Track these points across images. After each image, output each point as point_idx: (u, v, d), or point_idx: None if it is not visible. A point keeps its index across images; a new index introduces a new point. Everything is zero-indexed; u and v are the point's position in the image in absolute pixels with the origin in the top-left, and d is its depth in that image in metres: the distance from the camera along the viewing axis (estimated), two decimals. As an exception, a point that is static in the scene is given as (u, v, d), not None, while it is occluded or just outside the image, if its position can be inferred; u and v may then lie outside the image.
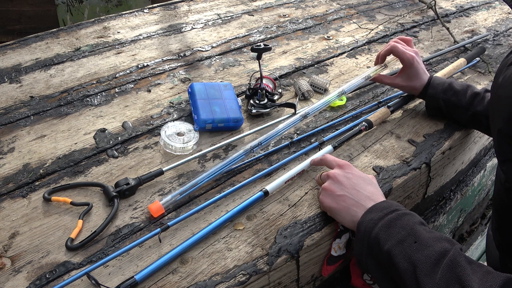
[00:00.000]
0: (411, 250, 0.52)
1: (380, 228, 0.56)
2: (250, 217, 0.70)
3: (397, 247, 0.53)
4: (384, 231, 0.56)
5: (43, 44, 1.14)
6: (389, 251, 0.54)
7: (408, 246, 0.53)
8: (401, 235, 0.54)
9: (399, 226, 0.56)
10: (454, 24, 1.44)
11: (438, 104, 0.88)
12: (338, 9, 1.50)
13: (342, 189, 0.64)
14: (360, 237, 0.59)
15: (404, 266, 0.52)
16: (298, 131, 0.90)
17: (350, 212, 0.62)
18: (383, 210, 0.59)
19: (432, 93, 0.88)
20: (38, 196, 0.71)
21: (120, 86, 1.00)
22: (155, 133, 0.87)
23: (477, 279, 0.47)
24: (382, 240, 0.55)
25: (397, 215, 0.57)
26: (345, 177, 0.66)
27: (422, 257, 0.51)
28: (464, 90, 0.86)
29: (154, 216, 0.67)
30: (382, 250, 0.55)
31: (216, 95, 0.90)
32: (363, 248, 0.59)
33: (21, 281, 0.59)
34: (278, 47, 1.22)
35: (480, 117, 0.84)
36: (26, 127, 0.86)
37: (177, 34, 1.25)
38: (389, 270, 0.55)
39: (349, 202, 0.63)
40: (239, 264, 0.62)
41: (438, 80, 0.88)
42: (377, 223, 0.57)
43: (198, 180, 0.71)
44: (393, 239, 0.54)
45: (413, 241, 0.53)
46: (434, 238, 0.53)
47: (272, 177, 0.77)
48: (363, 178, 0.66)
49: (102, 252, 0.63)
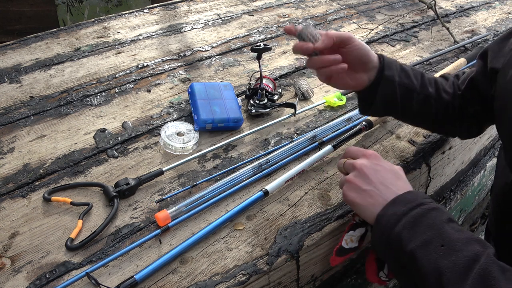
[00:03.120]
0: (438, 255, 0.47)
1: (404, 225, 0.51)
2: (250, 217, 0.70)
3: (422, 250, 0.49)
4: (408, 229, 0.51)
5: (43, 44, 1.14)
6: (413, 252, 0.49)
7: (434, 249, 0.48)
8: (427, 236, 0.49)
9: (425, 225, 0.50)
10: (454, 24, 1.44)
11: (391, 91, 0.68)
12: (338, 9, 1.50)
13: (369, 184, 0.58)
14: (379, 231, 0.54)
15: (429, 271, 0.47)
16: (298, 131, 0.90)
17: (376, 209, 0.56)
18: (407, 203, 0.53)
19: (388, 75, 0.67)
20: (38, 196, 0.71)
21: (120, 86, 1.00)
22: (155, 133, 0.87)
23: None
24: (405, 240, 0.50)
25: (422, 211, 0.52)
26: (373, 169, 0.59)
27: (449, 264, 0.46)
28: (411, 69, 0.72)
29: (160, 225, 0.66)
30: (405, 250, 0.50)
31: (216, 95, 0.90)
32: (381, 243, 0.54)
33: (21, 281, 0.59)
34: (278, 47, 1.22)
35: (430, 100, 0.72)
36: (26, 127, 0.86)
37: (177, 34, 1.25)
38: (411, 271, 0.51)
39: (376, 199, 0.57)
40: (239, 264, 0.62)
41: (389, 59, 0.69)
42: (400, 219, 0.52)
43: (205, 193, 0.71)
44: (418, 239, 0.49)
45: (440, 244, 0.48)
46: (464, 240, 0.48)
47: (272, 177, 0.77)
48: (392, 171, 0.60)
49: (102, 252, 0.63)
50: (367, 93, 0.69)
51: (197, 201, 0.70)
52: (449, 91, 0.75)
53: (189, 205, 0.69)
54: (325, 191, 0.76)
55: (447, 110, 0.74)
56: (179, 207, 0.68)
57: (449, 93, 0.74)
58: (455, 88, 0.76)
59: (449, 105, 0.74)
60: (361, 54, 0.64)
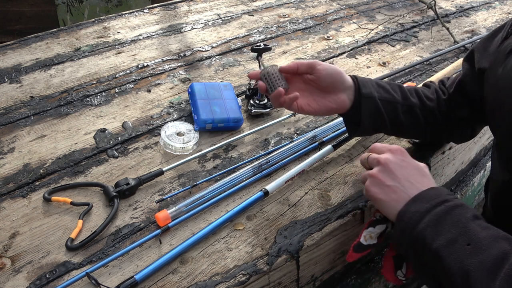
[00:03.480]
0: (464, 254, 0.46)
1: (427, 223, 0.50)
2: (250, 217, 0.70)
3: (447, 249, 0.47)
4: (432, 227, 0.49)
5: (43, 44, 1.14)
6: (438, 251, 0.48)
7: (460, 248, 0.47)
8: (452, 234, 0.48)
9: (449, 223, 0.49)
10: (454, 24, 1.44)
11: (374, 107, 0.67)
12: (338, 9, 1.50)
13: (393, 180, 0.57)
14: (401, 229, 0.53)
15: (455, 270, 0.46)
16: (298, 131, 0.90)
17: (399, 205, 0.55)
18: (430, 200, 0.52)
19: (366, 93, 0.67)
20: (38, 196, 0.71)
21: (120, 86, 1.00)
22: (155, 133, 0.87)
23: None
24: (428, 238, 0.49)
25: (446, 208, 0.50)
26: (399, 165, 0.58)
27: (476, 263, 0.45)
28: (388, 84, 0.72)
29: (160, 225, 0.66)
30: (429, 248, 0.49)
31: (216, 95, 0.90)
32: (403, 240, 0.53)
33: (21, 281, 0.59)
34: (278, 47, 1.22)
35: (415, 109, 0.72)
36: (26, 127, 0.86)
37: (177, 34, 1.25)
38: (435, 269, 0.49)
39: (400, 195, 0.55)
40: (239, 264, 0.62)
41: (362, 78, 0.69)
42: (424, 216, 0.51)
43: (205, 193, 0.71)
44: (442, 238, 0.48)
45: (466, 243, 0.47)
46: (491, 237, 0.46)
47: (272, 177, 0.77)
48: (418, 168, 0.59)
49: (102, 252, 0.63)
50: (351, 113, 0.69)
51: (197, 201, 0.70)
52: (432, 97, 0.75)
53: (189, 205, 0.69)
54: (325, 191, 0.76)
55: (434, 116, 0.73)
56: (179, 207, 0.68)
57: (432, 99, 0.74)
58: (438, 94, 0.76)
59: (435, 111, 0.74)
60: (330, 74, 0.65)
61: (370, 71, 1.13)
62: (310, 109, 0.66)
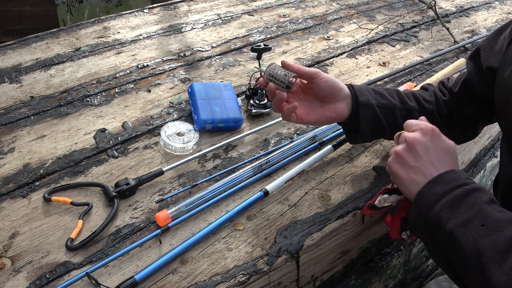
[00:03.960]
0: (478, 234, 0.47)
1: (444, 205, 0.51)
2: (250, 217, 0.70)
3: (461, 229, 0.48)
4: (448, 209, 0.50)
5: (43, 44, 1.14)
6: (452, 231, 0.49)
7: (475, 229, 0.47)
8: (467, 216, 0.49)
9: (465, 205, 0.50)
10: (454, 24, 1.44)
11: (372, 114, 0.68)
12: (338, 9, 1.50)
13: (416, 160, 0.56)
14: (417, 209, 0.54)
15: (468, 250, 0.47)
16: (298, 131, 0.90)
17: (419, 187, 0.55)
18: (449, 183, 0.52)
19: (364, 100, 0.67)
20: (38, 196, 0.71)
21: (120, 86, 1.00)
22: (155, 133, 0.87)
23: None
24: (443, 219, 0.50)
25: (464, 191, 0.51)
26: (425, 146, 0.56)
27: (489, 243, 0.45)
28: (384, 89, 0.73)
29: (160, 225, 0.66)
30: (443, 229, 0.50)
31: (216, 95, 0.90)
32: (418, 221, 0.54)
33: (21, 281, 0.59)
34: (278, 47, 1.22)
35: (414, 113, 0.72)
36: (26, 127, 0.86)
37: (177, 34, 1.25)
38: (448, 250, 0.50)
39: (420, 178, 0.55)
40: (239, 264, 0.62)
41: (358, 86, 0.70)
42: (441, 198, 0.51)
43: (205, 193, 0.71)
44: (457, 219, 0.49)
45: (480, 224, 0.47)
46: (505, 220, 0.47)
47: (272, 177, 0.77)
48: (445, 148, 0.57)
49: (102, 252, 0.63)
50: (350, 122, 0.69)
51: (197, 201, 0.70)
52: (430, 100, 0.75)
53: (189, 205, 0.69)
54: (325, 191, 0.76)
55: (434, 119, 0.73)
56: (179, 207, 0.68)
57: (431, 102, 0.75)
58: (437, 96, 0.76)
59: (434, 113, 0.74)
60: (329, 85, 0.66)
61: (370, 71, 1.13)
62: (309, 118, 0.67)
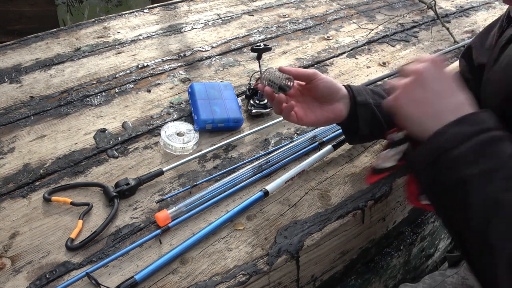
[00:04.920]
0: (498, 188, 0.43)
1: (468, 149, 0.45)
2: (250, 217, 0.70)
3: (480, 179, 0.44)
4: (469, 154, 0.45)
5: (43, 44, 1.14)
6: (467, 180, 0.44)
7: (496, 181, 0.43)
8: (491, 165, 0.44)
9: (491, 153, 0.45)
10: (454, 24, 1.44)
11: (370, 114, 0.68)
12: (338, 9, 1.50)
13: (425, 91, 0.51)
14: (430, 148, 0.48)
15: (480, 202, 0.43)
16: (298, 131, 0.90)
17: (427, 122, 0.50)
18: (477, 124, 0.47)
19: (362, 100, 0.67)
20: (38, 196, 0.71)
21: (120, 86, 1.00)
22: (155, 133, 0.87)
23: None
24: (462, 165, 0.45)
25: (492, 137, 0.46)
26: (434, 77, 0.52)
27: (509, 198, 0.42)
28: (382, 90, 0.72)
29: (160, 225, 0.66)
30: (458, 175, 0.45)
31: (216, 95, 0.90)
32: (427, 158, 0.49)
33: (21, 281, 0.59)
34: (278, 47, 1.22)
35: None
36: (26, 127, 0.86)
37: (177, 34, 1.25)
38: (454, 199, 0.46)
39: (428, 110, 0.50)
40: (239, 264, 0.62)
41: (356, 86, 0.70)
42: (464, 141, 0.46)
43: (205, 193, 0.71)
44: (479, 167, 0.44)
45: (503, 177, 0.43)
46: None
47: (272, 177, 0.77)
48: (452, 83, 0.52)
49: (102, 252, 0.63)
50: (348, 122, 0.69)
51: (197, 201, 0.70)
52: None
53: (189, 205, 0.69)
54: (325, 191, 0.76)
55: None
56: (179, 207, 0.68)
57: None
58: None
59: None
60: (327, 86, 0.66)
61: (370, 71, 1.13)
62: (308, 119, 0.67)
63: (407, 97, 0.52)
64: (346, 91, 0.68)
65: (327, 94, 0.67)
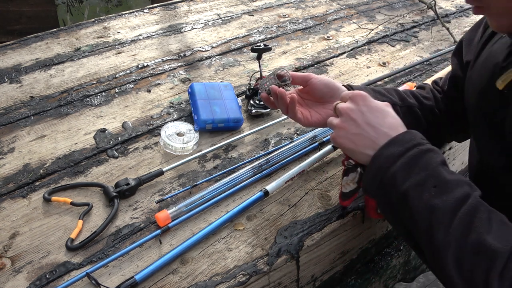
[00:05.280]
0: (430, 195, 0.49)
1: (400, 166, 0.51)
2: (250, 217, 0.70)
3: (415, 190, 0.50)
4: (403, 170, 0.51)
5: (43, 44, 1.14)
6: (405, 193, 0.50)
7: (427, 189, 0.49)
8: (421, 177, 0.50)
9: (420, 166, 0.51)
10: (454, 24, 1.44)
11: None
12: (338, 9, 1.50)
13: (356, 127, 0.57)
14: (373, 171, 0.55)
15: (420, 209, 0.49)
16: (298, 131, 0.90)
17: (367, 151, 0.56)
18: (404, 143, 0.53)
19: None
20: (38, 196, 0.71)
21: (120, 86, 1.00)
22: (155, 133, 0.87)
23: (494, 230, 0.45)
24: (399, 180, 0.51)
25: (419, 151, 0.52)
26: (359, 112, 0.57)
27: (440, 203, 0.48)
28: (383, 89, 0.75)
29: (160, 225, 0.66)
30: (398, 190, 0.51)
31: (216, 95, 0.90)
32: (374, 183, 0.55)
33: (21, 281, 0.59)
34: (278, 47, 1.22)
35: (414, 109, 0.74)
36: (26, 127, 0.86)
37: (177, 34, 1.25)
38: (401, 212, 0.52)
39: (365, 141, 0.56)
40: (239, 265, 0.62)
41: (356, 85, 0.73)
42: (397, 160, 0.52)
43: (205, 193, 0.71)
44: (412, 180, 0.50)
45: (432, 185, 0.49)
46: (455, 181, 0.49)
47: (272, 177, 0.77)
48: (379, 110, 0.58)
49: (102, 252, 0.63)
50: None
51: (197, 202, 0.70)
52: (428, 96, 0.76)
53: (189, 205, 0.69)
54: (325, 191, 0.76)
55: (434, 115, 0.74)
56: (179, 208, 0.68)
57: (429, 98, 0.75)
58: (434, 93, 0.77)
59: (434, 110, 0.74)
60: (325, 84, 0.67)
61: (370, 71, 1.13)
62: (315, 119, 0.67)
63: (344, 135, 0.58)
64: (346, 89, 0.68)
65: (327, 93, 0.67)
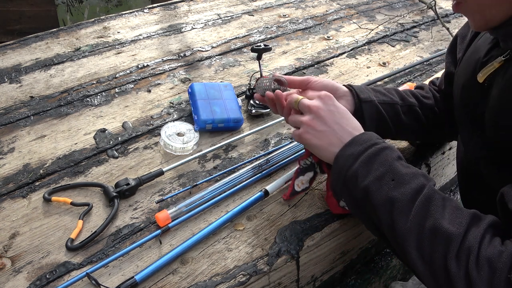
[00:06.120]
0: (388, 188, 0.52)
1: (360, 164, 0.55)
2: (250, 218, 0.70)
3: (375, 185, 0.53)
4: (363, 167, 0.55)
5: (43, 44, 1.14)
6: (367, 188, 0.53)
7: (386, 183, 0.53)
8: (380, 172, 0.54)
9: (378, 163, 0.54)
10: (454, 24, 1.44)
11: (375, 111, 0.70)
12: (338, 9, 1.50)
13: (324, 125, 0.59)
14: (337, 171, 0.57)
15: (381, 202, 0.52)
16: (298, 131, 0.90)
17: (333, 149, 0.59)
18: (363, 143, 0.57)
19: (365, 97, 0.70)
20: (38, 196, 0.71)
21: (120, 86, 1.00)
22: (155, 133, 0.87)
23: (448, 215, 0.48)
24: (360, 177, 0.54)
25: (376, 149, 0.56)
26: (328, 111, 0.60)
27: (398, 195, 0.51)
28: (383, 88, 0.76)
29: (160, 225, 0.66)
30: (359, 186, 0.54)
31: (216, 95, 0.90)
32: (339, 180, 0.57)
33: (21, 282, 0.59)
34: (278, 47, 1.22)
35: (415, 108, 0.75)
36: (26, 127, 0.86)
37: (177, 34, 1.25)
38: (365, 206, 0.55)
39: (332, 139, 0.59)
40: (239, 265, 0.62)
41: (357, 85, 0.73)
42: (357, 158, 0.55)
43: (205, 193, 0.71)
44: (371, 176, 0.54)
45: (390, 179, 0.53)
46: (411, 174, 0.53)
47: (272, 178, 0.77)
48: (345, 111, 0.62)
49: (102, 252, 0.63)
50: None
51: (197, 202, 0.70)
52: (427, 95, 0.77)
53: (189, 206, 0.69)
54: (325, 191, 0.76)
55: (434, 114, 0.75)
56: (179, 208, 0.68)
57: (429, 97, 0.76)
58: (433, 92, 0.78)
59: (434, 108, 0.75)
60: (324, 85, 0.68)
61: (370, 71, 1.13)
62: None
63: (311, 132, 0.60)
64: (347, 89, 0.69)
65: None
